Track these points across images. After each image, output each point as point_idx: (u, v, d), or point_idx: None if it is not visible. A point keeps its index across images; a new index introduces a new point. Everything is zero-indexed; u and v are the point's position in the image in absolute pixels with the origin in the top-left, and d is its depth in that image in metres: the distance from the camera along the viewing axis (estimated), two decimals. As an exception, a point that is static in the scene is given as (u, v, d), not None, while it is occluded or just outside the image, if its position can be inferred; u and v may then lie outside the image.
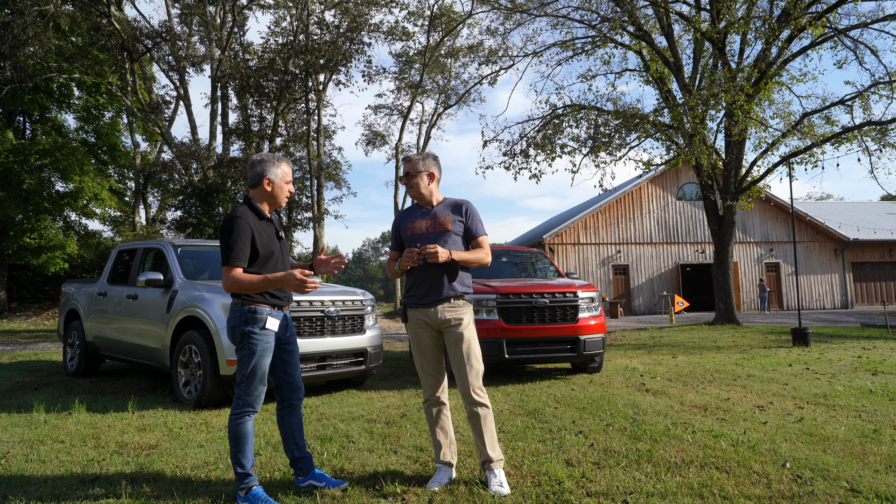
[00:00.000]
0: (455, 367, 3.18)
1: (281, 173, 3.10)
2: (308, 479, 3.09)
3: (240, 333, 2.95)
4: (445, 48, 25.77)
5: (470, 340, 3.18)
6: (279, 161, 3.11)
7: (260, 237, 3.00)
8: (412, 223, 3.31)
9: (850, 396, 5.45)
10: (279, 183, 3.10)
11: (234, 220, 2.92)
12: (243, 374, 2.95)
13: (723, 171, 15.63)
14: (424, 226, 3.26)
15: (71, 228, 21.80)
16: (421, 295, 3.20)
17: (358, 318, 6.01)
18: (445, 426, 3.28)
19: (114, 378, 7.36)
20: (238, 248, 2.89)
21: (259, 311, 3.00)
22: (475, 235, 3.31)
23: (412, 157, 3.34)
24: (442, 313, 3.17)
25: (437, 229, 3.23)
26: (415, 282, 3.24)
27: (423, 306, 3.21)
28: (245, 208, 3.04)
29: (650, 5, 14.93)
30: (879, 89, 13.86)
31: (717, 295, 15.97)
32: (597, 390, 5.99)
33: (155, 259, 6.69)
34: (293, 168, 23.65)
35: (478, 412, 3.14)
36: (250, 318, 2.95)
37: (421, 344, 3.25)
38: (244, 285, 2.89)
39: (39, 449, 3.98)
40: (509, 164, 15.58)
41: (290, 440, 3.16)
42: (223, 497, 3.01)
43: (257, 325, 2.95)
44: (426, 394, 3.27)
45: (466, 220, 3.30)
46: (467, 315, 3.23)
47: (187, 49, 20.48)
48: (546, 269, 8.55)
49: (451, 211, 3.30)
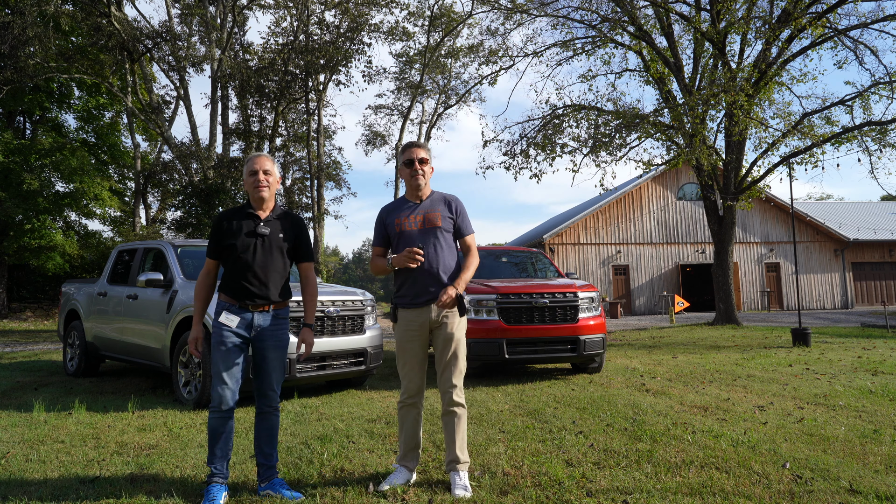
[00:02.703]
0: (441, 365, 3.17)
1: (246, 170, 3.14)
2: (267, 487, 3.05)
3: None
4: (445, 48, 25.75)
5: (460, 341, 3.17)
6: (250, 157, 3.16)
7: (226, 230, 3.06)
8: (399, 218, 3.21)
9: (851, 396, 5.44)
10: (244, 178, 3.16)
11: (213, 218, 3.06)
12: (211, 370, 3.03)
13: (723, 172, 15.62)
14: (413, 221, 3.18)
15: (71, 228, 21.80)
16: (413, 295, 3.15)
17: (358, 318, 6.01)
18: (415, 430, 3.23)
19: (114, 378, 7.36)
20: (208, 243, 3.14)
21: (220, 303, 3.05)
22: (464, 234, 3.27)
23: (422, 144, 3.28)
24: (435, 312, 3.14)
25: (426, 226, 3.17)
26: (405, 281, 3.18)
27: (415, 306, 3.16)
28: (235, 207, 3.18)
29: (650, 5, 14.93)
30: (879, 89, 13.85)
31: (718, 295, 15.96)
32: (597, 390, 5.99)
33: (155, 259, 6.69)
34: (290, 167, 23.70)
35: (455, 412, 3.14)
36: (216, 310, 3.04)
37: (408, 346, 3.19)
38: (197, 283, 3.12)
39: (39, 449, 3.98)
40: (509, 164, 15.57)
41: (256, 444, 3.12)
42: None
43: (217, 317, 3.01)
44: (403, 395, 3.23)
45: (457, 218, 3.25)
46: (458, 314, 3.20)
47: (187, 49, 20.48)
48: (546, 270, 8.55)
49: (441, 206, 3.23)
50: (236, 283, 3.03)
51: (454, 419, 3.14)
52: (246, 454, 3.76)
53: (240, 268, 3.03)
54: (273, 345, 3.09)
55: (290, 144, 23.35)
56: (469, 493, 2.98)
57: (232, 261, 3.04)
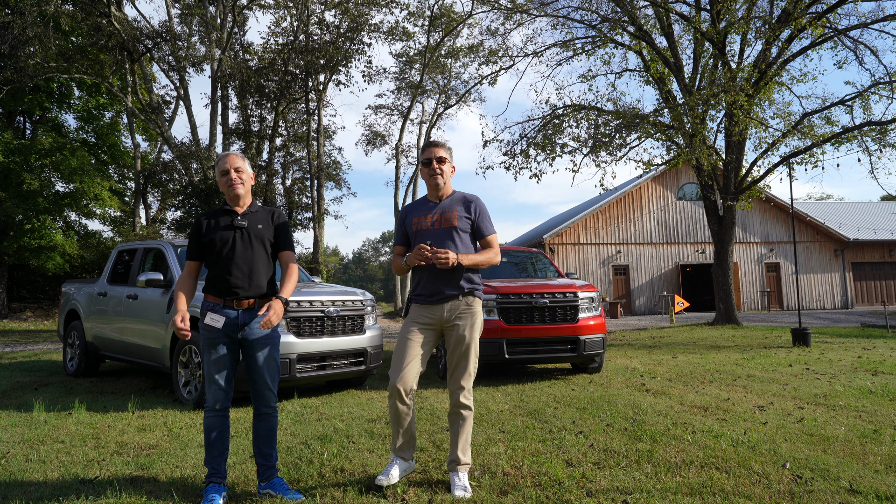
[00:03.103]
0: (452, 365, 3.15)
1: (217, 171, 3.13)
2: (267, 487, 3.04)
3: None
4: (445, 48, 25.76)
5: (473, 343, 3.13)
6: (219, 157, 3.15)
7: (206, 230, 3.06)
8: (418, 218, 3.22)
9: (851, 397, 5.44)
10: (218, 180, 3.14)
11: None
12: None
13: (723, 172, 15.62)
14: (430, 221, 3.18)
15: (71, 228, 21.81)
16: (429, 293, 3.15)
17: (358, 319, 6.01)
18: (409, 423, 3.14)
19: (114, 378, 7.36)
20: (188, 244, 3.12)
21: (205, 303, 3.03)
22: (484, 234, 3.24)
23: (442, 143, 3.25)
24: (449, 311, 3.12)
25: (443, 225, 3.16)
26: (421, 279, 3.19)
27: (430, 304, 3.15)
28: (213, 209, 3.19)
29: (650, 5, 14.93)
30: (879, 89, 13.85)
31: (718, 295, 15.96)
32: (597, 390, 5.99)
33: (155, 259, 6.69)
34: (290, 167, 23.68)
35: (462, 413, 3.14)
36: (201, 312, 3.02)
37: (410, 338, 3.13)
38: (177, 282, 3.07)
39: (39, 449, 3.98)
40: (509, 164, 15.57)
41: (255, 445, 3.11)
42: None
43: (202, 319, 2.99)
44: (393, 388, 3.06)
45: (475, 217, 3.22)
46: (474, 315, 3.15)
47: (187, 49, 20.48)
48: (546, 270, 8.55)
49: (459, 206, 3.21)
50: (219, 278, 3.01)
51: (459, 420, 3.14)
52: (246, 454, 3.76)
53: (221, 262, 3.02)
54: (263, 342, 3.03)
55: (290, 144, 23.35)
56: (469, 494, 2.97)
57: (214, 257, 3.03)
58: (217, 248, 3.02)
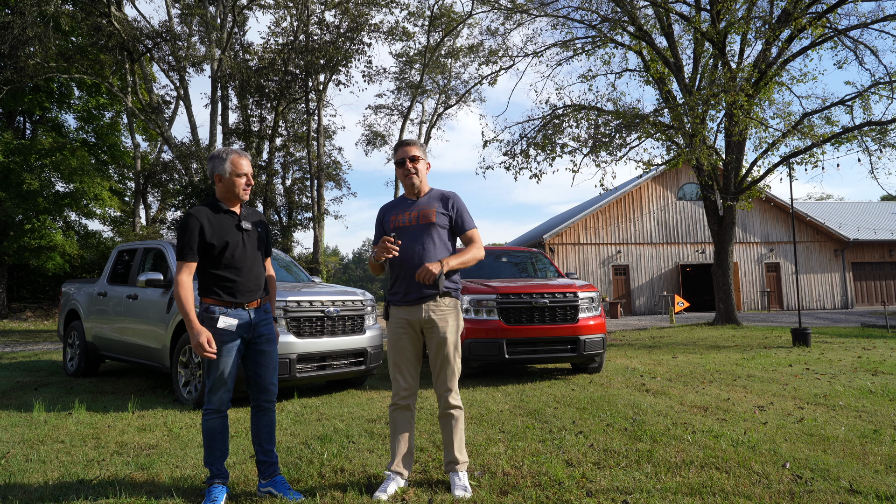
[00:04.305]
0: (435, 367, 3.13)
1: (230, 167, 3.02)
2: (268, 485, 3.03)
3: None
4: (445, 48, 25.75)
5: (454, 343, 3.10)
6: (229, 155, 3.04)
7: (212, 229, 2.95)
8: (395, 215, 3.20)
9: (851, 397, 5.44)
10: (228, 178, 3.03)
11: (184, 217, 2.96)
12: (205, 373, 2.98)
13: (723, 172, 15.62)
14: (408, 218, 3.15)
15: (71, 228, 21.81)
16: (404, 292, 3.11)
17: (358, 319, 6.01)
18: (408, 435, 3.15)
19: (114, 378, 7.36)
20: (184, 243, 2.90)
21: (211, 309, 2.97)
22: (465, 229, 3.21)
23: (413, 141, 3.23)
24: (426, 312, 3.07)
25: (420, 221, 3.13)
26: (397, 278, 3.15)
27: (406, 304, 3.10)
28: (201, 205, 3.05)
29: (650, 5, 14.93)
30: (879, 89, 13.85)
31: (718, 295, 15.96)
32: (597, 390, 5.99)
33: (155, 259, 6.69)
34: (290, 167, 23.69)
35: (452, 414, 3.12)
36: (206, 317, 2.94)
37: (399, 345, 3.12)
38: (176, 292, 2.86)
39: (39, 449, 3.98)
40: (509, 164, 15.57)
41: (256, 442, 3.10)
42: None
43: (212, 325, 2.92)
44: (395, 398, 3.14)
45: (452, 213, 3.19)
46: (452, 315, 3.11)
47: (187, 49, 20.47)
48: (546, 270, 8.55)
49: (437, 202, 3.19)
50: (231, 282, 2.98)
51: (451, 421, 3.13)
52: (246, 454, 3.76)
53: (232, 265, 2.99)
54: (268, 338, 3.11)
55: (290, 144, 23.36)
56: (469, 494, 2.97)
57: (225, 259, 2.98)
58: (227, 250, 2.98)
